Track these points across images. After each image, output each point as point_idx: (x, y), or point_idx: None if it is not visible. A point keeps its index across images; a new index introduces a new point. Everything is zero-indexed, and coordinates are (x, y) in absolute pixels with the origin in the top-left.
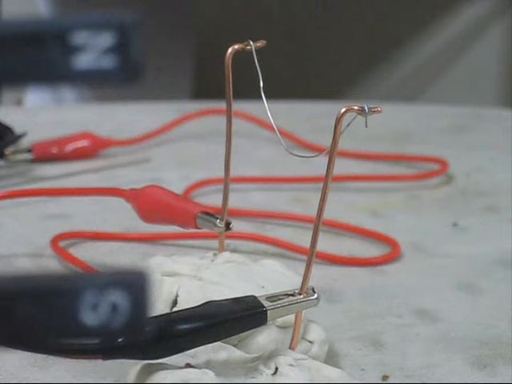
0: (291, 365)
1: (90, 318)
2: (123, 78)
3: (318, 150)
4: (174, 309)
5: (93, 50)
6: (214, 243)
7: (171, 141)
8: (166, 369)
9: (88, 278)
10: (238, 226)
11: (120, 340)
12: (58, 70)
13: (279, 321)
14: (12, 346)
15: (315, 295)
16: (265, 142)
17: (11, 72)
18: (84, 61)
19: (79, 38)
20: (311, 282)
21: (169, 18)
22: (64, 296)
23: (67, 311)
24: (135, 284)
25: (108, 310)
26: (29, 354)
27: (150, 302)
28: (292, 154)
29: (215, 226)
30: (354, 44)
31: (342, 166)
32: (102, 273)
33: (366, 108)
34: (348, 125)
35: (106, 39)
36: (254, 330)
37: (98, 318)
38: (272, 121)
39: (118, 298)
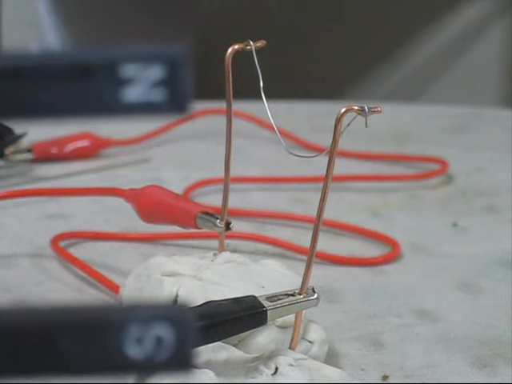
0: (291, 365)
1: (134, 351)
2: (171, 111)
3: (318, 150)
4: None
5: (142, 82)
6: (214, 243)
7: (171, 141)
8: None
9: (132, 311)
10: (238, 226)
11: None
12: (106, 103)
13: (279, 321)
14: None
15: (315, 295)
16: (265, 142)
17: (59, 103)
18: (133, 94)
19: (129, 70)
20: (311, 282)
21: (169, 18)
22: (108, 329)
23: (111, 344)
24: (181, 317)
25: (153, 343)
26: None
27: (196, 337)
28: (292, 154)
29: (215, 226)
30: (354, 44)
31: (341, 166)
32: (145, 305)
33: (366, 108)
34: (348, 125)
35: (155, 72)
36: (253, 329)
37: (142, 351)
38: (272, 121)
39: (164, 331)
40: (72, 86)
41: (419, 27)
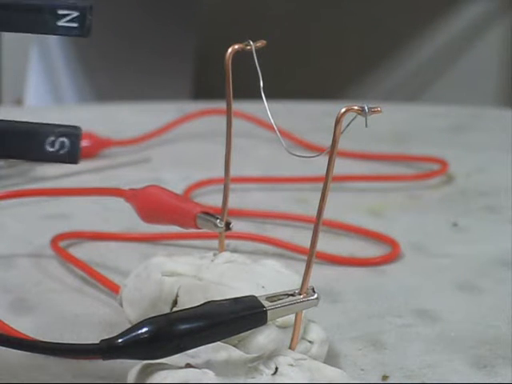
0: (291, 365)
1: (50, 149)
2: None
3: (318, 150)
4: (174, 309)
5: None
6: (214, 243)
7: (171, 141)
8: (166, 369)
9: (50, 127)
10: (238, 226)
11: (120, 340)
12: None
13: (279, 321)
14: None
15: (315, 295)
16: (265, 142)
17: None
18: None
19: None
20: (311, 282)
21: (169, 18)
22: (37, 136)
23: (39, 145)
24: (73, 133)
25: (59, 145)
26: (29, 353)
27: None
28: (292, 154)
29: (215, 226)
30: (354, 44)
31: (341, 166)
32: (56, 125)
33: (365, 108)
34: (348, 125)
35: None
36: (253, 329)
37: (54, 149)
38: (272, 120)
39: (65, 140)
40: None
41: (419, 27)
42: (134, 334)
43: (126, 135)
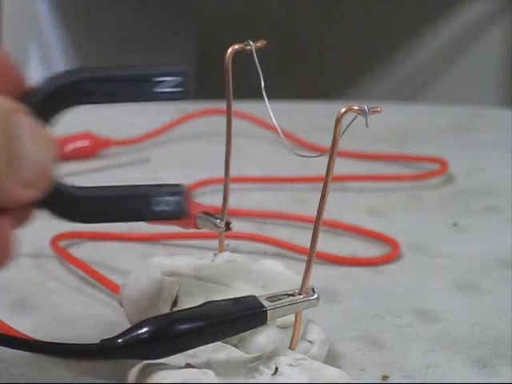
0: (291, 365)
1: (157, 208)
2: None
3: (318, 150)
4: (174, 309)
5: None
6: (214, 243)
7: (171, 141)
8: (166, 369)
9: (155, 189)
10: (237, 226)
11: (120, 340)
12: None
13: (279, 321)
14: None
15: (315, 295)
16: (265, 142)
17: None
18: None
19: None
20: (311, 282)
21: (169, 18)
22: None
23: (146, 206)
24: (178, 191)
25: (164, 204)
26: (29, 353)
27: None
28: (295, 153)
29: (215, 226)
30: (354, 44)
31: (341, 166)
32: (159, 186)
33: (365, 108)
34: (348, 125)
35: None
36: (253, 329)
37: (160, 208)
38: (274, 120)
39: (169, 199)
40: None
41: (419, 27)
42: (134, 333)
43: (126, 135)
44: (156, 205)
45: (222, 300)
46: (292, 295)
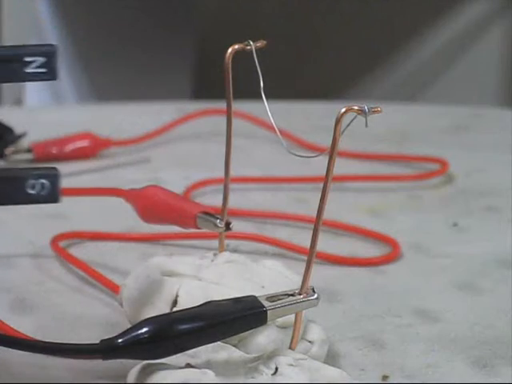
0: (291, 365)
1: (31, 191)
2: None
3: (318, 150)
4: (174, 309)
5: None
6: (214, 243)
7: (171, 141)
8: (166, 369)
9: (29, 171)
10: (237, 226)
11: (120, 340)
12: None
13: (279, 321)
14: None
15: (315, 295)
16: (265, 142)
17: None
18: None
19: None
20: (311, 282)
21: (169, 18)
22: (17, 180)
23: (21, 189)
24: (52, 174)
25: (40, 187)
26: (29, 353)
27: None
28: (292, 153)
29: (215, 226)
30: (354, 44)
31: (341, 166)
32: (34, 168)
33: (365, 108)
34: (348, 125)
35: None
36: (253, 329)
37: (35, 191)
38: (272, 120)
39: (45, 181)
40: None
41: (419, 27)
42: (134, 333)
43: (125, 135)
44: (31, 188)
45: (222, 300)
46: (292, 295)
